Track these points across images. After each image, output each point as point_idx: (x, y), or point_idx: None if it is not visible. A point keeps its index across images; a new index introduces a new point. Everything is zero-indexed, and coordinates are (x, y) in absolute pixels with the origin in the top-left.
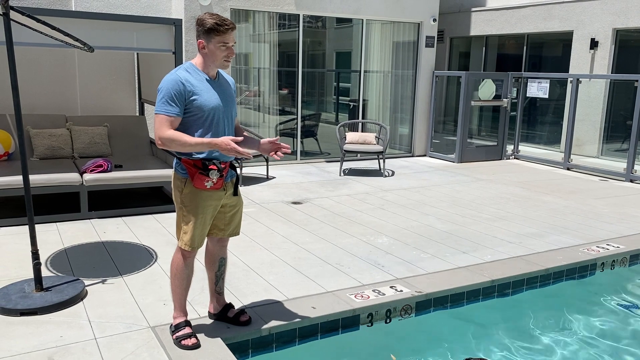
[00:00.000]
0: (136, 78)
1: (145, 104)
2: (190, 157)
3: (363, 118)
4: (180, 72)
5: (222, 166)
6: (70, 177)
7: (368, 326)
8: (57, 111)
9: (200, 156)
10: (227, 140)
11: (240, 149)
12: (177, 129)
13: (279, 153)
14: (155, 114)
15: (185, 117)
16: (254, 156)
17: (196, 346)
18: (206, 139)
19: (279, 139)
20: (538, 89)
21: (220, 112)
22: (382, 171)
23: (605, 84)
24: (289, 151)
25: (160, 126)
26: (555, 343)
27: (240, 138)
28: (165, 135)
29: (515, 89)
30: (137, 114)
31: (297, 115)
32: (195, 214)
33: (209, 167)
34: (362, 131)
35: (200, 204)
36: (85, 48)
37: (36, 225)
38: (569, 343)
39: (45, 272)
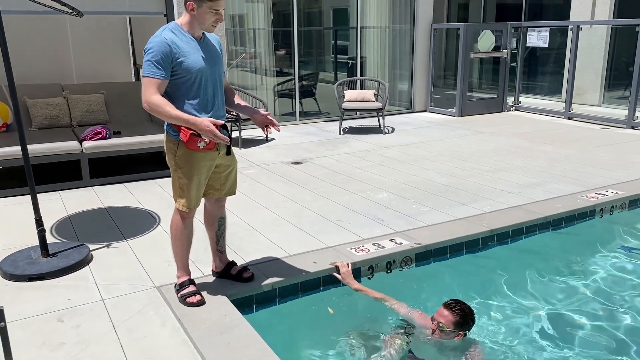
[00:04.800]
0: (130, 43)
1: (141, 70)
2: None
3: (361, 76)
4: (166, 34)
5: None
6: (69, 146)
7: (369, 278)
8: (52, 80)
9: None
10: (207, 122)
11: (218, 134)
12: (165, 91)
13: (269, 129)
14: (142, 76)
15: (172, 79)
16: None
17: (201, 303)
18: (186, 116)
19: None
20: (538, 38)
21: (207, 73)
22: (382, 128)
23: (607, 30)
24: (279, 129)
25: (147, 89)
26: (556, 287)
27: (221, 122)
28: (151, 100)
29: (514, 39)
30: (133, 80)
31: (294, 76)
32: (190, 175)
33: None
34: (360, 89)
35: (194, 165)
36: (74, 13)
37: (39, 195)
38: (568, 287)
39: (50, 239)
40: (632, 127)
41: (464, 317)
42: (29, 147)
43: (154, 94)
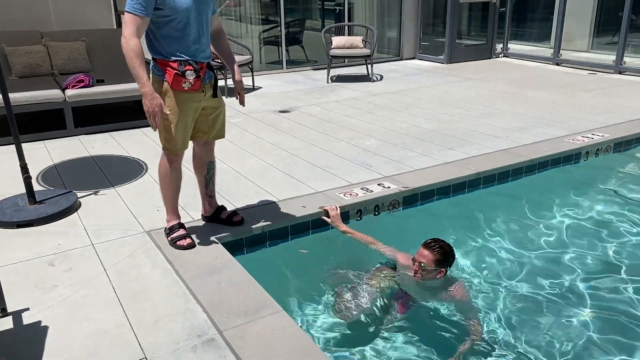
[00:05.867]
0: None
1: (122, 16)
2: (166, 59)
3: (349, 22)
4: None
5: (199, 67)
6: (52, 94)
7: (357, 221)
8: (30, 27)
9: (175, 57)
10: (157, 103)
11: (157, 115)
12: (149, 28)
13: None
14: (125, 11)
15: (157, 18)
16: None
17: (191, 246)
18: (144, 80)
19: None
20: None
21: (194, 14)
22: (370, 76)
23: None
24: (243, 105)
25: (127, 26)
26: (540, 228)
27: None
28: (129, 42)
29: None
30: (115, 27)
31: (280, 23)
32: (176, 117)
33: (185, 68)
34: (348, 35)
35: (180, 106)
36: None
37: (23, 144)
38: (552, 228)
39: (36, 187)
40: (620, 72)
41: (444, 254)
42: (10, 95)
43: (134, 36)
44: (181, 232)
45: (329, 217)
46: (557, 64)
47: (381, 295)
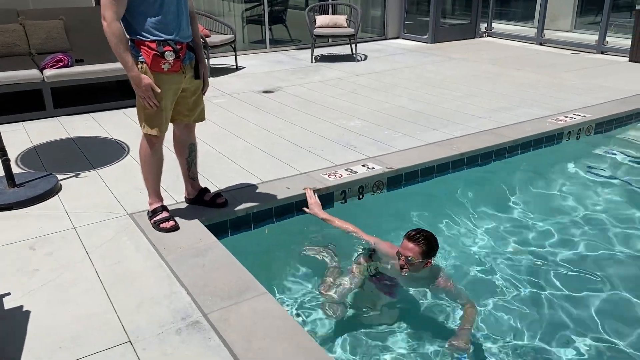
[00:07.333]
0: None
1: None
2: (144, 39)
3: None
4: None
5: (179, 47)
6: (30, 74)
7: (342, 203)
8: (5, 5)
9: (153, 37)
10: (146, 83)
11: (150, 96)
12: (126, 9)
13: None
14: None
15: None
16: (219, 45)
17: (175, 228)
18: (130, 65)
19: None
20: None
21: None
22: (354, 56)
23: None
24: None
25: (107, 9)
26: (523, 208)
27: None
28: (111, 26)
29: None
30: (93, 5)
31: (263, 1)
32: (155, 99)
33: (164, 49)
34: (332, 14)
35: (159, 88)
36: None
37: (1, 126)
38: (536, 208)
39: (15, 170)
40: (602, 52)
41: (429, 245)
42: None
43: (115, 19)
44: (164, 214)
45: (307, 207)
46: (541, 44)
47: (365, 283)
